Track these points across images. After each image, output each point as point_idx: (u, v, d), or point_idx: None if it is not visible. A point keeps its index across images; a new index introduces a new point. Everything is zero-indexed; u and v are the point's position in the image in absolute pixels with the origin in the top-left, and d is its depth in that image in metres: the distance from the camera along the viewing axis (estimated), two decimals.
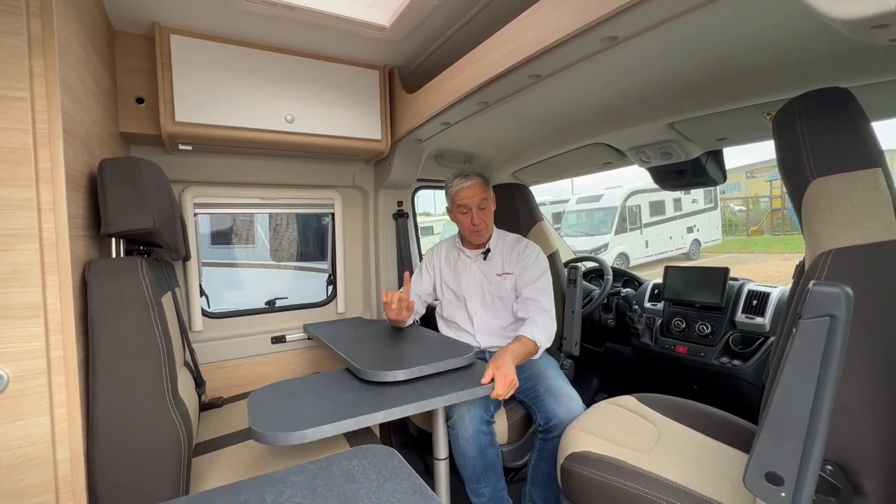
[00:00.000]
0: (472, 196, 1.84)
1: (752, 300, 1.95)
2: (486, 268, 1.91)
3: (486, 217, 1.88)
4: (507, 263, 1.88)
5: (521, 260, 1.84)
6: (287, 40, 1.71)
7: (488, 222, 1.89)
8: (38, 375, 0.91)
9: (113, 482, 1.00)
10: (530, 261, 1.83)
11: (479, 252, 1.94)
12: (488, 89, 1.38)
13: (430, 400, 1.18)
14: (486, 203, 1.87)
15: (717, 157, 1.93)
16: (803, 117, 0.93)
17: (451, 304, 1.96)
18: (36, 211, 0.91)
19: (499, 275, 1.87)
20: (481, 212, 1.85)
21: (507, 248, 1.92)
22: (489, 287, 1.88)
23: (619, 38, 1.04)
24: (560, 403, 1.55)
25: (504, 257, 1.90)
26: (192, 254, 1.93)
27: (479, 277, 1.91)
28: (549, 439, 1.53)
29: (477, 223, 1.86)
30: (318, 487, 0.56)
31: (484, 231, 1.89)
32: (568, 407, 1.55)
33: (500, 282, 1.87)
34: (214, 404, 1.83)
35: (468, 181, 1.86)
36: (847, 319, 0.70)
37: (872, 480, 0.80)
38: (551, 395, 1.58)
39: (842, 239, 0.85)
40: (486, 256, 1.92)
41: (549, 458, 1.52)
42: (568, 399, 1.58)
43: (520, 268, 1.84)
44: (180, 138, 1.65)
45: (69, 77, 1.01)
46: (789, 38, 1.18)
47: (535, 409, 1.61)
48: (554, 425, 1.52)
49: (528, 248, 1.88)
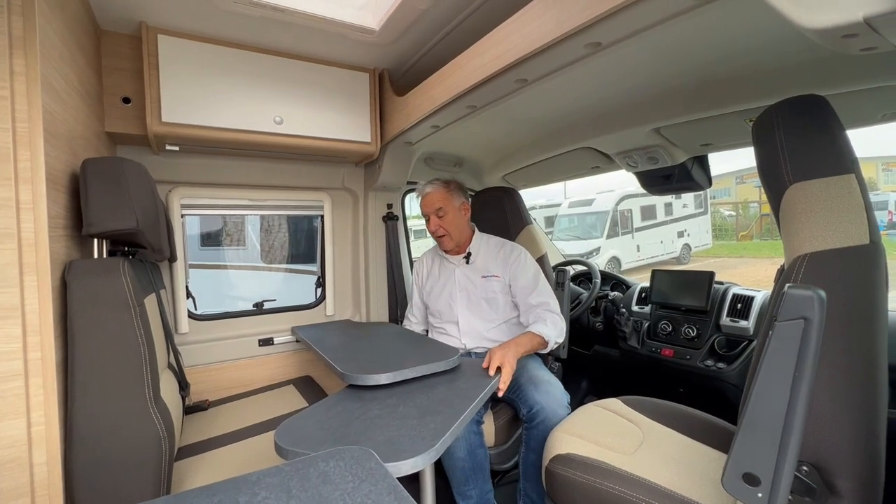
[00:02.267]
0: (428, 204, 1.88)
1: (737, 304, 1.97)
2: (470, 272, 1.92)
3: (447, 224, 1.87)
4: (493, 266, 1.88)
5: (510, 265, 1.84)
6: (276, 42, 1.71)
7: (449, 229, 1.88)
8: (14, 377, 0.90)
9: (91, 486, 0.99)
10: (519, 265, 1.83)
11: (460, 257, 1.95)
12: (476, 93, 1.39)
13: (466, 414, 1.11)
14: (446, 211, 1.86)
15: (702, 163, 1.96)
16: (781, 124, 0.95)
17: (436, 309, 1.97)
18: (14, 210, 0.90)
19: (484, 277, 1.88)
20: (439, 219, 1.86)
21: (490, 251, 1.92)
22: (474, 290, 1.89)
23: (603, 44, 1.06)
24: (540, 390, 1.57)
25: (488, 260, 1.90)
26: (179, 255, 1.91)
27: (464, 282, 1.91)
28: (533, 427, 1.54)
29: (434, 230, 1.89)
30: (292, 489, 0.56)
31: (447, 239, 1.89)
32: (548, 392, 1.57)
33: (485, 284, 1.87)
34: (200, 407, 1.81)
35: (427, 187, 1.89)
36: (821, 322, 0.72)
37: (847, 480, 0.81)
38: (532, 384, 1.60)
39: (817, 243, 0.87)
40: (469, 260, 1.93)
41: (536, 447, 1.53)
42: (548, 385, 1.60)
43: (510, 274, 1.84)
44: (167, 139, 1.64)
45: (51, 76, 1.01)
46: (769, 46, 1.20)
47: (518, 400, 1.63)
48: (536, 412, 1.53)
49: (513, 251, 1.89)
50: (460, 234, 1.91)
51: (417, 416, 1.10)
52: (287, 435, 1.03)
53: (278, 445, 0.98)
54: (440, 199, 1.87)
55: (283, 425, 1.08)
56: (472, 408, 1.16)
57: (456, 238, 1.90)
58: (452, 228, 1.88)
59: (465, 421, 1.12)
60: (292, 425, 1.09)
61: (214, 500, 0.53)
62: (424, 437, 0.98)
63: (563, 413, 1.53)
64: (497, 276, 1.86)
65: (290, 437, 1.02)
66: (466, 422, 1.13)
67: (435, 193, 1.88)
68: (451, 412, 1.11)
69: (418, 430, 1.01)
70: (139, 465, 1.04)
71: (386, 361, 1.48)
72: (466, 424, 1.51)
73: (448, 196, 1.88)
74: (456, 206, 1.89)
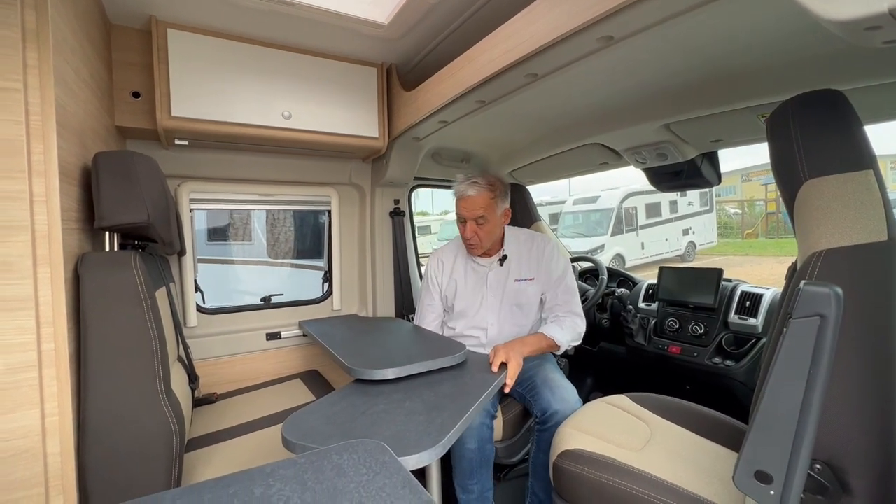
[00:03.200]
0: (469, 208, 1.68)
1: (746, 301, 1.96)
2: (503, 274, 1.77)
3: (484, 234, 1.69)
4: (527, 267, 1.76)
5: (544, 263, 1.74)
6: (285, 36, 1.71)
7: (483, 239, 1.70)
8: (28, 368, 0.91)
9: (104, 476, 1.00)
10: (553, 261, 1.74)
11: (493, 259, 1.80)
12: (485, 88, 1.38)
13: (472, 410, 1.11)
14: (487, 220, 1.66)
15: (711, 159, 1.94)
16: (796, 119, 0.94)
17: (460, 312, 1.84)
18: (28, 203, 0.91)
19: (517, 280, 1.75)
20: (478, 227, 1.68)
21: (523, 250, 1.79)
22: (506, 295, 1.76)
23: (616, 38, 1.05)
24: (556, 395, 1.56)
25: (521, 261, 1.77)
26: (188, 249, 1.92)
27: (495, 286, 1.77)
28: (545, 430, 1.53)
29: (469, 237, 1.71)
30: (307, 481, 0.56)
31: (477, 247, 1.72)
32: (563, 398, 1.55)
33: (519, 288, 1.74)
34: (208, 400, 1.83)
35: (471, 190, 1.67)
36: (837, 319, 0.71)
37: (860, 479, 0.81)
38: (548, 387, 1.59)
39: (833, 240, 0.86)
40: (503, 263, 1.78)
41: (546, 449, 1.52)
42: (563, 391, 1.58)
43: (544, 272, 1.73)
44: (176, 133, 1.65)
45: (63, 69, 1.01)
46: (784, 39, 1.18)
47: (532, 401, 1.62)
48: (549, 416, 1.52)
49: (545, 247, 1.76)
50: (494, 241, 1.76)
51: (424, 411, 1.10)
52: (294, 428, 1.03)
53: (286, 439, 0.99)
54: (483, 206, 1.66)
55: (290, 419, 1.09)
56: (478, 404, 1.16)
57: (488, 245, 1.75)
58: (487, 238, 1.71)
59: (472, 417, 1.12)
60: (299, 419, 1.09)
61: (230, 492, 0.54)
62: (430, 433, 0.98)
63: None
64: (531, 279, 1.74)
65: (298, 430, 1.03)
66: (473, 418, 1.13)
67: (478, 198, 1.65)
68: (457, 408, 1.11)
69: (425, 426, 1.02)
70: (151, 457, 1.05)
71: (392, 356, 1.48)
72: (478, 417, 1.51)
73: (493, 203, 1.67)
74: (499, 214, 1.70)
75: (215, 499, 0.53)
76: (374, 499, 0.52)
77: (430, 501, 0.50)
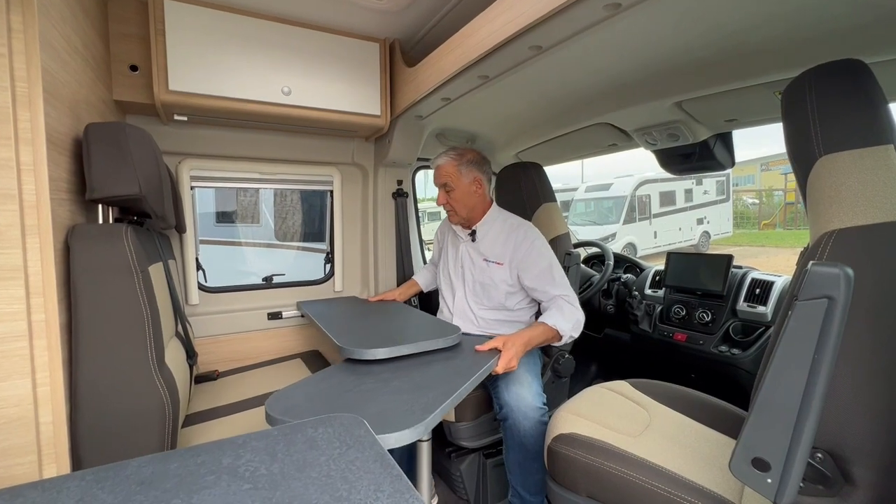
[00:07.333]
0: (437, 176, 1.76)
1: (755, 289, 1.90)
2: (473, 251, 1.79)
3: (454, 201, 1.73)
4: (498, 251, 1.72)
5: (520, 253, 1.67)
6: (284, 9, 1.66)
7: (456, 207, 1.74)
8: (19, 338, 0.91)
9: (96, 445, 1.01)
10: (531, 253, 1.65)
11: (467, 232, 1.82)
12: (488, 61, 1.33)
13: (460, 391, 1.11)
14: (452, 187, 1.72)
15: (725, 140, 1.86)
16: (814, 90, 0.88)
17: (442, 279, 1.93)
18: (15, 171, 0.89)
19: (486, 260, 1.74)
20: (447, 194, 1.74)
21: (500, 234, 1.74)
22: (473, 271, 1.77)
23: (623, 5, 0.99)
24: (511, 391, 1.51)
25: (495, 243, 1.74)
26: (189, 227, 1.92)
27: (466, 259, 1.81)
28: (506, 428, 1.50)
29: (442, 203, 1.78)
30: (277, 453, 0.55)
31: (452, 213, 1.78)
32: (517, 393, 1.50)
33: (485, 268, 1.74)
34: (210, 377, 1.85)
35: (439, 159, 1.76)
36: (846, 302, 0.67)
37: (863, 469, 0.77)
38: (503, 383, 1.55)
39: (846, 219, 0.81)
40: (474, 238, 1.79)
41: (512, 445, 1.50)
42: (519, 386, 1.52)
43: (519, 263, 1.67)
44: (175, 108, 1.63)
45: (51, 35, 0.99)
46: (805, 10, 1.11)
47: (494, 394, 1.59)
48: (505, 413, 1.49)
49: (525, 237, 1.68)
50: (469, 210, 1.75)
51: (411, 390, 1.09)
52: (278, 404, 1.03)
53: (268, 414, 0.98)
54: (448, 174, 1.72)
55: (275, 395, 1.08)
56: (466, 386, 1.14)
57: (463, 214, 1.76)
58: (459, 206, 1.74)
59: (459, 398, 1.10)
60: (284, 395, 1.08)
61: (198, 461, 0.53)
62: (415, 412, 0.97)
63: (534, 416, 1.47)
64: (499, 264, 1.71)
65: (281, 406, 1.02)
66: (460, 399, 1.11)
67: (445, 166, 1.72)
68: (444, 389, 1.10)
69: (409, 405, 1.00)
70: (143, 429, 1.05)
71: (385, 337, 1.46)
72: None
73: (457, 170, 1.71)
74: (465, 182, 1.72)
75: (183, 467, 0.52)
76: (343, 472, 0.50)
77: (399, 476, 0.49)
